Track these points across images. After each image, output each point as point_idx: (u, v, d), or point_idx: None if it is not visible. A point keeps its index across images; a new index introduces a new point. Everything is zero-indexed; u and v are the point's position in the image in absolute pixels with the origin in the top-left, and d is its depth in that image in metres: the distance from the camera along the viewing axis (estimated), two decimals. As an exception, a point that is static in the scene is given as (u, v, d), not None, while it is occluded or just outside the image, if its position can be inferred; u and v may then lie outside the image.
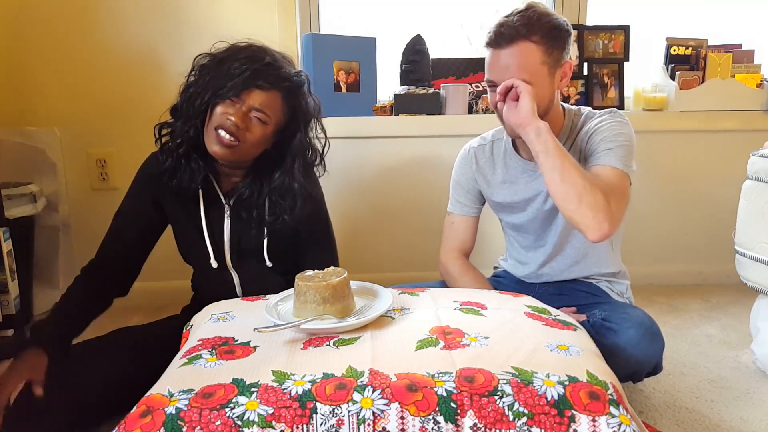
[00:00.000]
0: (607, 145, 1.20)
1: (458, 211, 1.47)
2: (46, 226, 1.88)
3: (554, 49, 1.18)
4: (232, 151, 1.18)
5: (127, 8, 1.84)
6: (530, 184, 1.34)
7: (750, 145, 1.50)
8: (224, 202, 1.30)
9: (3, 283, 1.53)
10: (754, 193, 1.37)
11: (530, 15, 1.17)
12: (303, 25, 2.02)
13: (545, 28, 1.17)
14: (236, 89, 1.16)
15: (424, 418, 0.74)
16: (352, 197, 2.01)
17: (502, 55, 1.18)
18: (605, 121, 1.24)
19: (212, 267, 1.30)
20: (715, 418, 1.21)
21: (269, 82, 1.18)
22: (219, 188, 1.30)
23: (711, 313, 1.83)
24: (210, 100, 1.18)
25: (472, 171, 1.44)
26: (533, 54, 1.17)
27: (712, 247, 2.07)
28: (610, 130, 1.21)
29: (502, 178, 1.39)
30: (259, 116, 1.19)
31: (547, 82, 1.20)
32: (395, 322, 0.98)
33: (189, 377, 0.81)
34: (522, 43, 1.16)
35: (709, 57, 2.04)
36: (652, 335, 1.13)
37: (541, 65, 1.18)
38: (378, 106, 1.99)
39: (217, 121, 1.17)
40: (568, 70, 1.24)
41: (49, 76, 1.86)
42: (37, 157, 1.86)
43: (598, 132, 1.23)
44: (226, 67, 1.18)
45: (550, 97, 1.22)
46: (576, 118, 1.31)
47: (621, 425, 0.74)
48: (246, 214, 1.28)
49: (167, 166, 1.25)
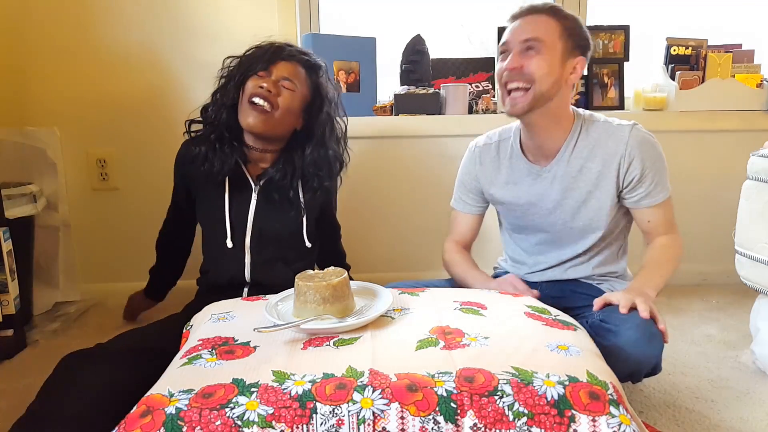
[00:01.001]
0: (651, 178, 1.27)
1: (461, 209, 1.49)
2: (46, 226, 1.88)
3: (570, 37, 1.22)
4: (265, 119, 1.32)
5: (127, 8, 1.84)
6: (533, 186, 1.34)
7: (750, 145, 1.50)
8: (253, 185, 1.39)
9: (3, 283, 1.53)
10: (754, 193, 1.37)
11: (559, 8, 1.25)
12: (303, 25, 2.02)
13: (569, 20, 1.23)
14: (264, 63, 1.33)
15: (424, 418, 0.74)
16: (352, 197, 2.01)
17: (522, 21, 1.23)
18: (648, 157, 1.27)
19: (227, 247, 1.37)
20: (715, 418, 1.21)
21: (292, 55, 1.36)
22: (248, 172, 1.40)
23: (711, 313, 1.83)
24: (241, 79, 1.34)
25: (475, 170, 1.44)
26: (552, 27, 1.21)
27: (713, 247, 2.07)
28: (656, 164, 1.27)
29: (506, 179, 1.39)
30: (287, 84, 1.34)
31: (557, 60, 1.21)
32: (395, 322, 0.98)
33: (189, 377, 0.81)
34: (544, 17, 1.22)
35: (709, 57, 2.04)
36: (650, 335, 1.12)
37: (557, 39, 1.21)
38: (378, 106, 1.99)
39: (249, 92, 1.32)
40: (579, 67, 1.25)
41: (49, 76, 1.86)
42: (37, 157, 1.86)
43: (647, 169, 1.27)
44: (251, 53, 1.37)
45: (557, 79, 1.22)
46: (589, 127, 1.30)
47: (621, 425, 0.74)
48: (278, 195, 1.39)
49: (200, 152, 1.38)
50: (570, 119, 1.30)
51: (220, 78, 1.40)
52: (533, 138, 1.31)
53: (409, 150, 1.99)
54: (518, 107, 1.23)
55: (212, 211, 1.40)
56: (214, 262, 1.45)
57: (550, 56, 1.20)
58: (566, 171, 1.30)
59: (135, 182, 1.94)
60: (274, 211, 1.39)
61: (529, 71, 1.20)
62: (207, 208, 1.43)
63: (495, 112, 1.99)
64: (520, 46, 1.21)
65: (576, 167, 1.29)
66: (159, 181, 1.77)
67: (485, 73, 2.11)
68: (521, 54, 1.21)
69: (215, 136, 1.37)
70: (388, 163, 1.99)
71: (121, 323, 1.77)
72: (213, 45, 1.56)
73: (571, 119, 1.30)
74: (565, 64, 1.23)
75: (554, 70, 1.21)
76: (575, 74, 1.25)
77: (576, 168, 1.29)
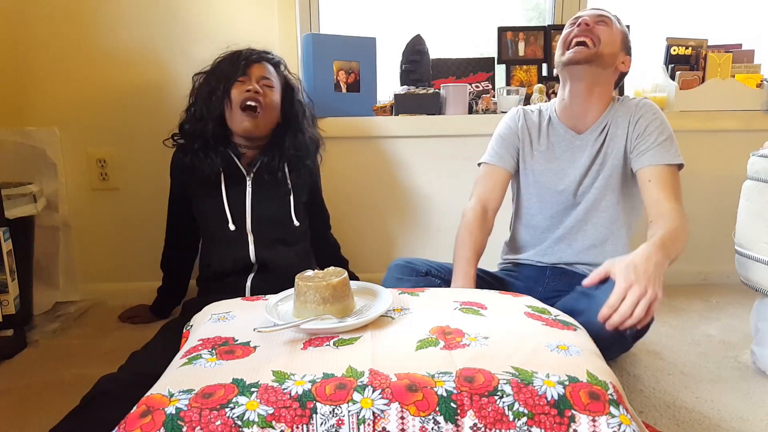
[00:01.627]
0: (655, 138, 1.36)
1: (493, 161, 1.50)
2: (46, 226, 1.88)
3: (625, 39, 1.41)
4: (257, 121, 1.47)
5: (127, 8, 1.84)
6: (566, 152, 1.44)
7: (750, 145, 1.50)
8: (246, 174, 1.52)
9: (3, 283, 1.53)
10: (754, 193, 1.37)
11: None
12: (303, 25, 2.02)
13: (624, 28, 1.42)
14: (241, 70, 1.46)
15: (424, 418, 0.74)
16: (352, 197, 2.01)
17: (593, 11, 1.38)
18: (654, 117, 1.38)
19: (230, 231, 1.48)
20: (715, 418, 1.21)
21: (260, 57, 1.51)
22: (240, 163, 1.52)
23: (711, 313, 1.83)
24: (225, 89, 1.45)
25: (517, 126, 1.49)
26: (615, 25, 1.38)
27: (712, 247, 2.07)
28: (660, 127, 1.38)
29: (546, 147, 1.46)
30: (266, 83, 1.49)
31: (617, 47, 1.37)
32: (395, 322, 0.98)
33: (189, 377, 0.81)
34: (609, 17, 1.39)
35: (709, 57, 2.04)
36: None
37: (619, 32, 1.38)
38: (378, 106, 1.99)
39: (238, 98, 1.45)
40: (628, 63, 1.42)
41: (49, 75, 1.86)
42: (37, 157, 1.86)
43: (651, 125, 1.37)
44: (222, 66, 1.49)
45: (612, 61, 1.37)
46: (618, 104, 1.44)
47: (621, 425, 0.74)
48: (269, 176, 1.52)
49: (187, 162, 1.50)
50: (609, 99, 1.43)
51: (193, 94, 1.54)
52: (573, 104, 1.42)
53: (409, 150, 1.99)
54: (580, 55, 1.33)
55: (212, 204, 1.50)
56: (217, 250, 1.53)
57: (615, 36, 1.36)
58: (597, 140, 1.41)
59: (135, 182, 1.94)
60: (268, 193, 1.53)
61: (599, 33, 1.34)
62: (207, 203, 1.52)
63: (495, 112, 1.99)
64: (594, 18, 1.36)
65: (604, 139, 1.41)
66: (159, 181, 1.77)
67: (485, 73, 2.11)
68: (594, 22, 1.35)
69: (199, 146, 1.49)
70: (388, 163, 1.99)
71: (122, 324, 1.78)
72: (213, 45, 1.56)
73: (609, 100, 1.43)
74: (619, 55, 1.38)
75: (616, 46, 1.36)
76: (625, 66, 1.41)
77: (603, 139, 1.41)
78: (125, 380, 1.07)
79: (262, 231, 1.51)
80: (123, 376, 1.10)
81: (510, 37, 2.10)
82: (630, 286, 1.03)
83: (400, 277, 1.38)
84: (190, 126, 1.51)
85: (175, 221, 1.67)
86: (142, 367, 1.12)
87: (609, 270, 1.10)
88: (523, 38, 2.10)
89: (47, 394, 1.33)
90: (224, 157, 1.50)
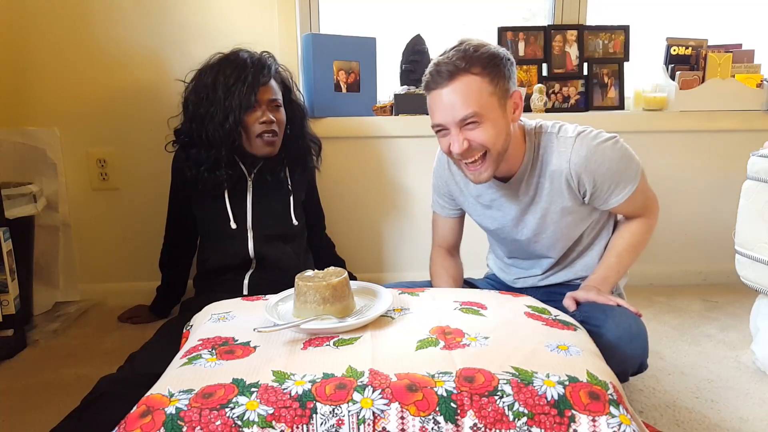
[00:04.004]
0: (607, 187, 1.20)
1: (440, 212, 1.43)
2: (46, 226, 1.88)
3: (499, 79, 1.11)
4: (274, 146, 1.50)
5: (126, 8, 1.84)
6: (495, 201, 1.29)
7: (750, 145, 1.50)
8: (247, 175, 1.53)
9: (3, 283, 1.53)
10: (754, 193, 1.37)
11: (465, 48, 1.10)
12: (303, 25, 2.02)
13: (484, 59, 1.09)
14: (252, 97, 1.43)
15: (424, 418, 0.74)
16: (352, 197, 2.01)
17: (443, 94, 1.10)
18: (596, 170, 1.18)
19: (231, 228, 1.50)
20: (715, 418, 1.21)
21: (264, 76, 1.46)
22: (243, 165, 1.52)
23: (711, 313, 1.83)
24: (237, 120, 1.42)
25: (445, 176, 1.37)
26: (477, 86, 1.09)
27: (712, 247, 2.07)
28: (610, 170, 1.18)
29: (474, 190, 1.32)
30: (275, 104, 1.49)
31: (499, 114, 1.12)
32: (395, 322, 0.98)
33: (189, 377, 0.81)
34: (463, 77, 1.09)
35: (709, 57, 2.04)
36: (632, 335, 1.10)
37: (490, 96, 1.10)
38: (378, 106, 1.99)
39: (255, 130, 1.46)
40: (519, 100, 1.16)
41: (49, 75, 1.86)
42: (37, 157, 1.86)
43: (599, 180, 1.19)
44: (224, 85, 1.43)
45: (506, 130, 1.15)
46: (539, 141, 1.22)
47: (621, 425, 0.74)
48: (270, 177, 1.53)
49: (191, 176, 1.50)
50: (521, 144, 1.21)
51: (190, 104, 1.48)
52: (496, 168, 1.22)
53: (409, 150, 1.99)
54: (484, 176, 1.17)
55: (214, 204, 1.51)
56: (216, 246, 1.54)
57: (492, 118, 1.11)
58: (524, 190, 1.25)
59: (135, 182, 1.94)
60: (269, 193, 1.54)
61: (480, 142, 1.12)
62: (208, 202, 1.53)
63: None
64: (458, 125, 1.11)
65: (532, 185, 1.24)
66: (159, 181, 1.78)
67: (485, 73, 2.11)
68: (462, 131, 1.11)
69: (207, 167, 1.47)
70: (388, 163, 1.99)
71: (121, 324, 1.77)
72: (214, 45, 1.56)
73: (523, 143, 1.22)
74: (505, 110, 1.14)
75: (500, 128, 1.13)
76: (518, 110, 1.16)
77: (532, 186, 1.24)
78: (124, 381, 1.08)
79: (261, 228, 1.53)
80: (122, 377, 1.10)
81: (510, 37, 2.10)
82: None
83: None
84: (196, 150, 1.48)
85: (176, 218, 1.67)
86: (140, 367, 1.12)
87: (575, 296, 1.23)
88: (523, 38, 2.10)
89: (47, 394, 1.33)
90: (229, 164, 1.49)
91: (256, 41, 1.61)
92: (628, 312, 1.16)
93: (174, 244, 1.72)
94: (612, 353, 1.06)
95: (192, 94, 1.48)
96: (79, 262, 1.97)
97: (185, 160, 1.52)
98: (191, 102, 1.48)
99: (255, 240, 1.52)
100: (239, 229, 1.51)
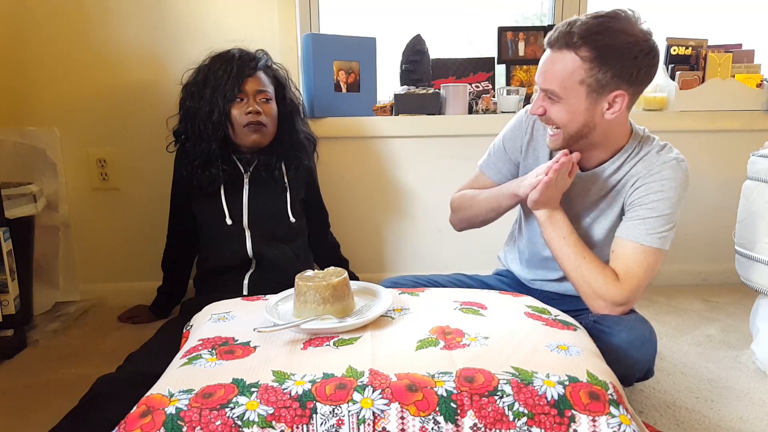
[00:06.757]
0: (643, 212, 1.14)
1: (490, 174, 1.35)
2: (46, 226, 1.88)
3: (603, 72, 1.05)
4: (262, 134, 1.48)
5: (126, 8, 1.84)
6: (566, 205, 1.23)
7: (750, 145, 1.50)
8: (243, 172, 1.53)
9: (3, 283, 1.53)
10: (754, 193, 1.37)
11: (596, 25, 1.05)
12: (303, 25, 2.02)
13: (601, 46, 1.04)
14: (236, 87, 1.44)
15: (424, 418, 0.74)
16: (352, 197, 2.01)
17: (546, 57, 1.11)
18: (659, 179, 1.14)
19: (228, 225, 1.50)
20: (715, 418, 1.21)
21: (251, 68, 1.47)
22: (239, 162, 1.53)
23: (711, 313, 1.83)
24: (223, 111, 1.44)
25: (523, 141, 1.29)
26: (571, 68, 1.06)
27: (712, 247, 2.07)
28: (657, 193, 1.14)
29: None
30: (264, 96, 1.49)
31: (582, 103, 1.08)
32: (395, 322, 0.98)
33: (189, 377, 0.81)
34: (567, 53, 1.06)
35: (709, 57, 2.04)
36: (643, 340, 1.11)
37: (578, 83, 1.07)
38: (378, 106, 1.99)
39: (240, 120, 1.46)
40: (620, 100, 1.08)
41: (49, 76, 1.86)
42: (37, 157, 1.86)
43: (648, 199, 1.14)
44: (215, 78, 1.45)
45: (584, 121, 1.10)
46: (640, 149, 1.19)
47: (621, 425, 0.74)
48: (266, 174, 1.53)
49: (187, 174, 1.51)
50: (622, 141, 1.18)
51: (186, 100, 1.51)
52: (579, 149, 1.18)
53: (409, 150, 1.98)
54: (555, 144, 1.17)
55: (210, 201, 1.51)
56: (215, 245, 1.54)
57: (572, 103, 1.09)
58: (600, 186, 1.21)
59: (135, 182, 1.94)
60: (265, 190, 1.54)
61: (552, 118, 1.13)
62: (206, 198, 1.53)
63: (495, 112, 1.99)
64: (543, 90, 1.13)
65: (609, 185, 1.20)
66: (159, 181, 1.77)
67: (485, 73, 2.11)
68: (544, 98, 1.13)
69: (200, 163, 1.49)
70: (388, 163, 1.99)
71: (121, 324, 1.77)
72: (214, 45, 1.56)
73: (624, 141, 1.18)
74: (596, 105, 1.08)
75: (577, 116, 1.10)
76: (612, 109, 1.09)
77: (611, 186, 1.20)
78: (122, 381, 1.08)
79: (258, 227, 1.53)
80: (120, 377, 1.10)
81: (510, 37, 2.10)
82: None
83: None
84: (190, 145, 1.50)
85: (177, 217, 1.66)
86: (139, 367, 1.12)
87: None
88: (523, 38, 2.10)
89: (47, 393, 1.33)
90: (223, 160, 1.50)
91: (256, 41, 1.61)
92: (640, 317, 1.16)
93: (176, 243, 1.71)
94: (621, 356, 1.06)
95: (185, 92, 1.52)
96: (79, 262, 1.97)
97: (182, 158, 1.54)
98: (185, 100, 1.52)
99: (253, 238, 1.52)
100: (236, 226, 1.51)
